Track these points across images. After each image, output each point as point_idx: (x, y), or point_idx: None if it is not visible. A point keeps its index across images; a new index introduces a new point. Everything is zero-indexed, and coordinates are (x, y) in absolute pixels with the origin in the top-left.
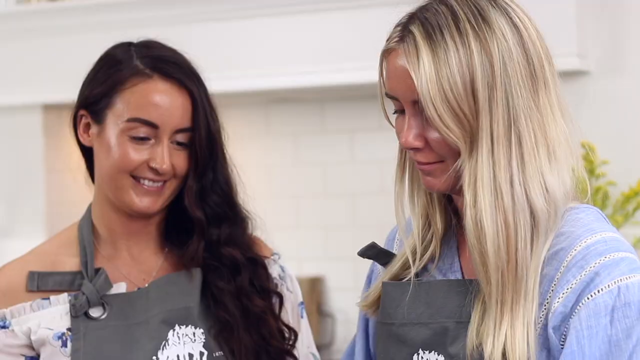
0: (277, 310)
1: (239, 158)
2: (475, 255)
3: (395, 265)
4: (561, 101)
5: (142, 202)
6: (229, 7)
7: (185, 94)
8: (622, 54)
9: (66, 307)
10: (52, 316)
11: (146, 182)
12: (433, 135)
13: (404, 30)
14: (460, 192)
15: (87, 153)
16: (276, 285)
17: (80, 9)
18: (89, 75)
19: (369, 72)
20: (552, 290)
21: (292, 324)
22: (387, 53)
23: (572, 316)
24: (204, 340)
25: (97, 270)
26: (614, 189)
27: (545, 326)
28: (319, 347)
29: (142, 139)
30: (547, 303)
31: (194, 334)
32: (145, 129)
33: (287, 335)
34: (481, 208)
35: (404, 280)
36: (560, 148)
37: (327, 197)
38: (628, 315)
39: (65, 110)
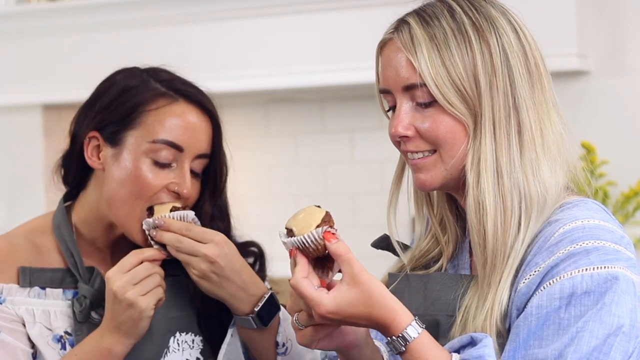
0: None
1: (239, 158)
2: (474, 235)
3: (405, 259)
4: (556, 102)
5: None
6: (229, 7)
7: (207, 120)
8: (622, 54)
9: (59, 304)
10: (45, 309)
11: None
12: (424, 124)
13: (399, 22)
14: (458, 190)
15: (77, 159)
16: None
17: (80, 9)
18: (97, 100)
19: (369, 72)
20: (522, 271)
21: None
22: (381, 46)
23: (531, 298)
24: (201, 347)
25: (88, 269)
26: (614, 189)
27: (511, 305)
28: None
29: (164, 165)
30: (516, 283)
31: (193, 340)
32: (168, 152)
33: None
34: (484, 189)
35: (408, 273)
36: (554, 145)
37: (327, 197)
38: (584, 303)
39: (65, 110)
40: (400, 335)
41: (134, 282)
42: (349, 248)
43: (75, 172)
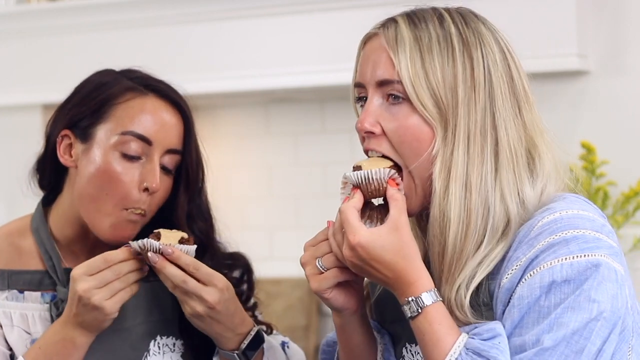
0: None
1: (239, 158)
2: (435, 245)
3: None
4: (543, 122)
5: (115, 233)
6: (229, 7)
7: (178, 116)
8: (622, 54)
9: (38, 307)
10: (23, 312)
11: (131, 211)
12: (390, 124)
13: (387, 20)
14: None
15: (50, 161)
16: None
17: (80, 9)
18: (70, 100)
19: None
20: (504, 267)
21: None
22: (365, 40)
23: (514, 291)
24: (182, 351)
25: (66, 271)
26: (614, 189)
27: (496, 302)
28: (319, 348)
29: (133, 158)
30: (499, 279)
31: (174, 344)
32: (137, 145)
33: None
34: (450, 200)
35: None
36: (551, 166)
37: (326, 197)
38: (564, 291)
39: None
40: (419, 297)
41: (100, 286)
42: (405, 201)
43: (50, 176)
